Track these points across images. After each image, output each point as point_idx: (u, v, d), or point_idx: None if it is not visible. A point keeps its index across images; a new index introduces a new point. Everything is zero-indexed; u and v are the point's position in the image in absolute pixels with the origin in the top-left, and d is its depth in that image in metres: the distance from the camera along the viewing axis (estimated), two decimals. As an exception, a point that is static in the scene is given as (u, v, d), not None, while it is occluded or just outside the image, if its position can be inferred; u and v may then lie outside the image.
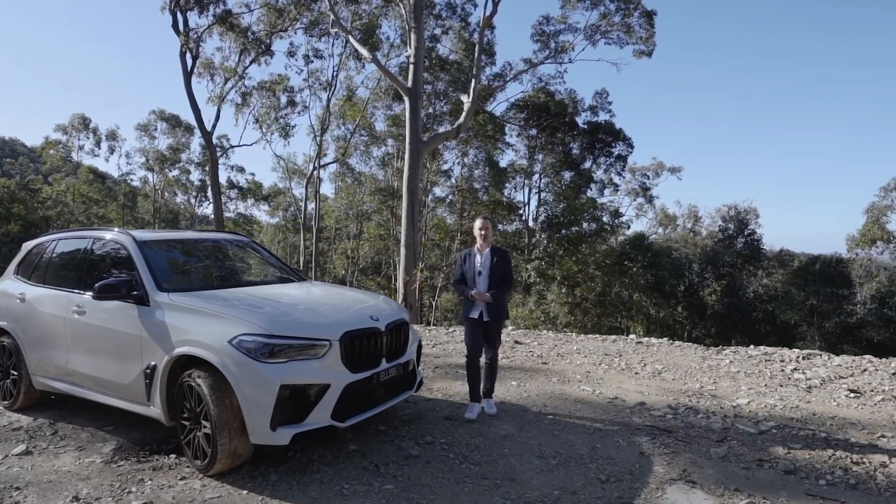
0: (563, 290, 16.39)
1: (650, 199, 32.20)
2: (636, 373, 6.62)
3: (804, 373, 6.67)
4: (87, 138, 39.57)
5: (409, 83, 15.03)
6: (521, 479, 3.50)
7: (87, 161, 39.94)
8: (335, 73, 22.36)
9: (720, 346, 8.59)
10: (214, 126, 20.14)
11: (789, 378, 6.37)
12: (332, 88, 22.48)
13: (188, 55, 19.03)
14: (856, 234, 27.39)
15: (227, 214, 34.34)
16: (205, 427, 3.37)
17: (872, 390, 5.81)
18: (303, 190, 32.22)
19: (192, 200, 42.84)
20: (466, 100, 16.32)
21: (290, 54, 20.55)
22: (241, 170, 39.99)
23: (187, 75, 19.11)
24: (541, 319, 16.82)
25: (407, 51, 16.76)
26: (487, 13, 15.47)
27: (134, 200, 42.11)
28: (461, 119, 15.99)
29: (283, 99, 21.60)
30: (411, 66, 15.09)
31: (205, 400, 3.32)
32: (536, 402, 5.21)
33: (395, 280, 26.87)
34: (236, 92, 21.43)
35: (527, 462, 3.76)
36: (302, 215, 23.90)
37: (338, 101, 24.41)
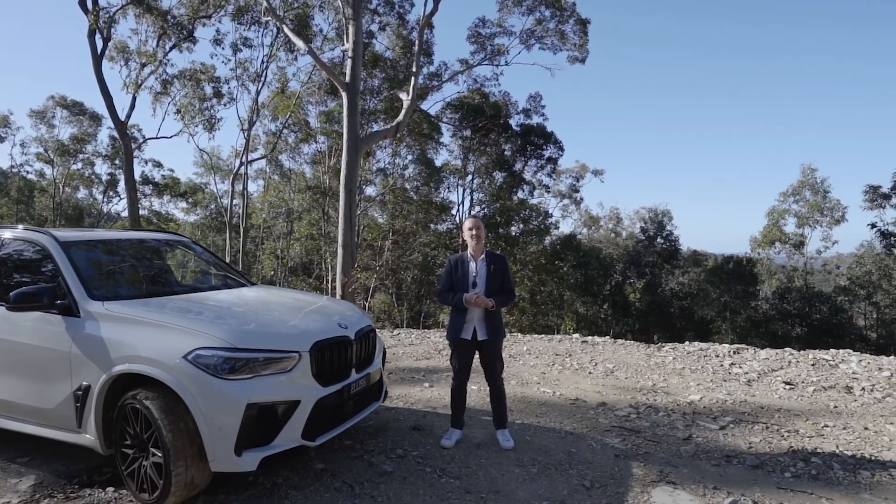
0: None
1: (579, 201, 33.45)
2: (590, 372, 6.71)
3: (741, 367, 7.07)
4: (-30, 124, 35.11)
5: (347, 78, 14.52)
6: (506, 490, 3.35)
7: (-30, 150, 35.42)
8: (265, 65, 21.25)
9: (660, 344, 8.96)
10: (129, 115, 18.44)
11: (729, 373, 6.71)
12: (262, 80, 21.37)
13: (98, 36, 17.30)
14: (758, 236, 29.96)
15: (140, 212, 31.75)
16: (154, 455, 2.93)
17: (803, 382, 6.23)
18: (228, 186, 30.42)
19: (100, 196, 39.23)
20: (406, 98, 16.04)
21: (217, 42, 19.26)
22: (158, 164, 37.14)
23: (97, 59, 17.35)
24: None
25: (343, 44, 16.24)
26: (428, 11, 15.31)
27: (30, 195, 37.90)
28: (400, 117, 15.69)
29: (209, 89, 20.20)
30: (349, 61, 14.58)
31: (155, 424, 2.89)
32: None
33: (327, 281, 26.06)
34: (156, 79, 19.78)
35: (507, 472, 3.62)
36: (227, 213, 22.49)
37: (268, 94, 23.28)
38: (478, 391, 5.61)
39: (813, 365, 7.39)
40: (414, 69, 15.47)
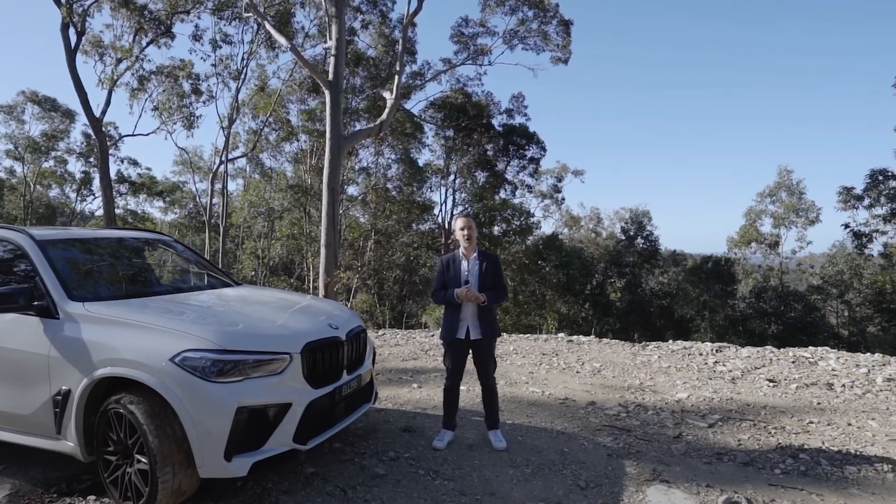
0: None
1: (561, 201, 33.68)
2: (577, 372, 6.73)
3: (724, 365, 7.16)
4: (-64, 120, 33.84)
5: (330, 76, 14.36)
6: (501, 492, 3.32)
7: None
8: (246, 62, 20.86)
9: (644, 343, 9.04)
10: (104, 112, 17.92)
11: (714, 371, 6.79)
12: (242, 78, 20.98)
13: (72, 30, 16.80)
14: (735, 236, 30.55)
15: (115, 211, 31.00)
16: (140, 462, 2.82)
17: (786, 379, 6.34)
18: (207, 185, 29.88)
19: (73, 195, 38.17)
20: (389, 96, 15.94)
21: (196, 38, 18.82)
22: (134, 162, 36.27)
23: (70, 53, 16.84)
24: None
25: (326, 42, 16.06)
26: (412, 9, 15.22)
27: (-1, 193, 36.71)
28: (384, 116, 15.58)
29: (187, 86, 19.76)
30: (332, 59, 14.43)
31: (140, 430, 2.78)
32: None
33: (309, 281, 25.77)
34: (132, 75, 19.24)
35: (501, 473, 3.58)
36: (207, 212, 22.05)
37: (248, 92, 22.89)
38: (467, 391, 5.57)
39: (793, 362, 7.53)
40: (398, 68, 15.38)
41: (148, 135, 21.56)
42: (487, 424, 4.16)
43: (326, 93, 14.40)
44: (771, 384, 6.09)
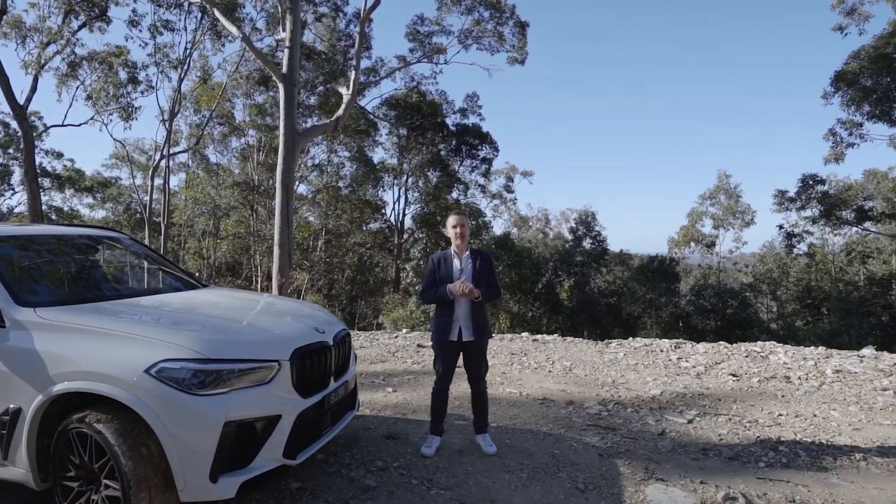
0: (443, 290, 16.46)
1: (514, 202, 34.11)
2: (549, 371, 6.73)
3: (687, 361, 7.38)
4: None
5: (284, 68, 13.81)
6: (501, 498, 3.19)
7: None
8: (188, 52, 19.70)
9: (607, 341, 9.20)
10: (29, 99, 16.41)
11: (679, 367, 6.98)
12: (185, 68, 19.81)
13: (-10, 9, 15.30)
14: (676, 236, 32.01)
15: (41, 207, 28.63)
16: (109, 488, 2.50)
17: (746, 373, 6.59)
18: (146, 181, 28.17)
19: (-13, 190, 34.92)
20: (346, 92, 15.52)
21: (133, 24, 17.54)
22: (59, 155, 33.61)
23: (-12, 34, 15.38)
24: (420, 320, 16.72)
25: (275, 34, 15.48)
26: (370, 4, 14.89)
27: None
28: (340, 112, 15.16)
29: (123, 74, 18.44)
30: (286, 51, 13.88)
31: (110, 451, 2.46)
32: (469, 407, 4.94)
33: (257, 281, 24.78)
34: (62, 60, 17.73)
35: (497, 478, 3.47)
36: (147, 210, 20.69)
37: (191, 84, 21.68)
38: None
39: (746, 356, 7.86)
40: (355, 63, 15.00)
41: (80, 125, 19.93)
42: (476, 428, 4.04)
43: (280, 86, 13.84)
44: (734, 378, 6.31)
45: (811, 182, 19.77)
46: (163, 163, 20.97)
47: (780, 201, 20.63)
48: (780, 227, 22.59)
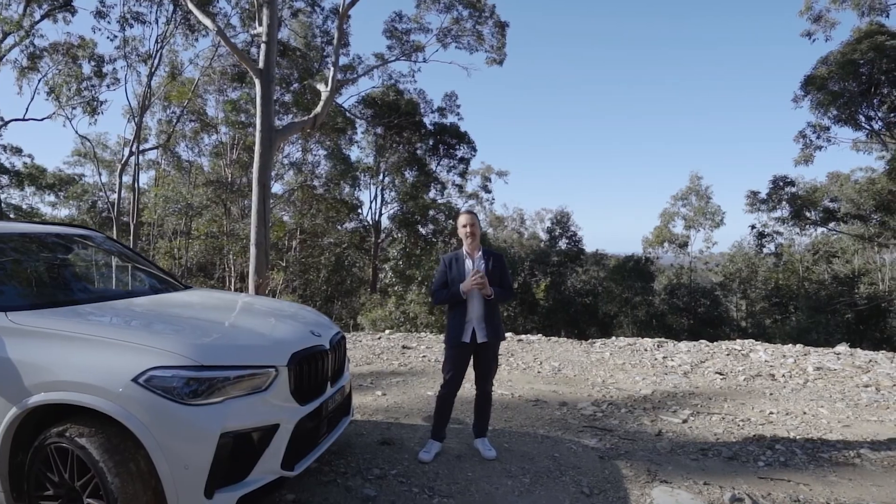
0: (424, 291, 16.30)
1: (492, 202, 34.15)
2: (538, 372, 6.67)
3: (672, 360, 7.43)
4: None
5: (261, 64, 13.48)
6: (506, 506, 3.09)
7: None
8: (160, 46, 19.02)
9: (591, 340, 9.22)
10: (-14, 92, 15.65)
11: (666, 366, 7.01)
12: (155, 62, 19.12)
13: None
14: (649, 236, 32.57)
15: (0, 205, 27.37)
16: (93, 508, 2.30)
17: (731, 371, 6.66)
18: (111, 178, 27.22)
19: (-60, 187, 33.15)
20: (324, 89, 15.25)
21: (101, 15, 16.84)
22: (17, 150, 32.15)
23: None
24: (400, 321, 16.54)
25: (251, 29, 15.10)
26: (349, 0, 14.65)
27: None
28: (318, 108, 14.88)
29: (88, 68, 17.68)
30: (263, 46, 13.54)
31: (95, 468, 2.26)
32: (464, 411, 4.85)
33: (230, 282, 24.17)
34: (22, 51, 16.90)
35: (500, 484, 3.36)
36: (115, 209, 19.90)
37: (161, 79, 20.95)
38: (434, 396, 5.30)
39: (728, 354, 7.97)
40: (334, 59, 14.75)
41: (42, 120, 19.01)
42: (475, 432, 3.94)
43: (257, 82, 13.50)
44: (721, 377, 6.37)
45: (782, 184, 20.34)
46: (132, 160, 20.23)
47: (752, 202, 21.15)
48: (753, 227, 23.19)
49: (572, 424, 4.57)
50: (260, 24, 13.97)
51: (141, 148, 20.74)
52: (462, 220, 3.81)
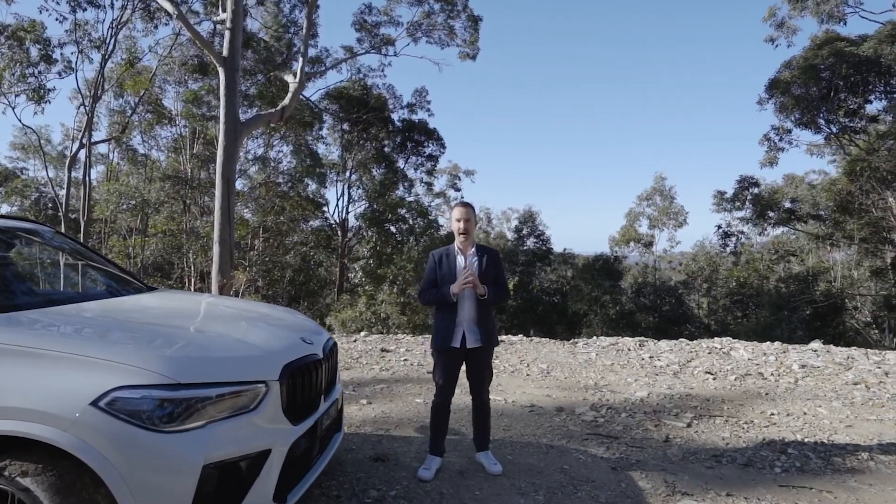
0: (395, 290, 15.90)
1: (461, 200, 33.88)
2: (527, 375, 6.41)
3: (659, 360, 7.30)
4: None
5: (225, 52, 12.80)
6: (524, 530, 2.79)
7: None
8: (115, 31, 17.86)
9: (574, 340, 9.05)
10: (-85, 76, 14.29)
11: (654, 367, 6.87)
12: (109, 49, 17.96)
13: None
14: (616, 236, 33.03)
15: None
16: (40, 563, 1.85)
17: (721, 371, 6.56)
18: (57, 172, 25.62)
19: None
20: (293, 80, 14.66)
21: (47, -6, 15.67)
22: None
23: None
24: (372, 321, 16.08)
25: (218, 14, 14.32)
26: (318, -12, 14.13)
27: None
28: (286, 101, 14.28)
29: (35, 52, 16.43)
30: (227, 33, 12.87)
31: (42, 514, 1.82)
32: (460, 420, 4.52)
33: (191, 282, 23.08)
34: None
35: (512, 502, 3.05)
36: (63, 205, 18.61)
37: (116, 66, 19.71)
38: (424, 404, 4.96)
39: (710, 353, 7.93)
40: (302, 49, 14.19)
41: (-19, 108, 17.56)
42: (477, 445, 3.61)
43: (221, 71, 12.81)
44: (711, 376, 6.26)
45: (747, 184, 20.88)
46: (81, 153, 18.98)
47: (718, 202, 21.64)
48: (719, 226, 23.79)
49: (575, 432, 4.31)
50: (224, 11, 13.28)
51: (94, 140, 19.50)
52: (457, 212, 3.47)
